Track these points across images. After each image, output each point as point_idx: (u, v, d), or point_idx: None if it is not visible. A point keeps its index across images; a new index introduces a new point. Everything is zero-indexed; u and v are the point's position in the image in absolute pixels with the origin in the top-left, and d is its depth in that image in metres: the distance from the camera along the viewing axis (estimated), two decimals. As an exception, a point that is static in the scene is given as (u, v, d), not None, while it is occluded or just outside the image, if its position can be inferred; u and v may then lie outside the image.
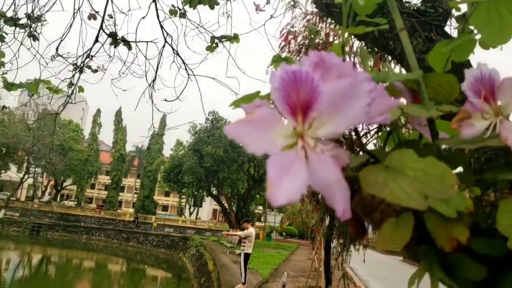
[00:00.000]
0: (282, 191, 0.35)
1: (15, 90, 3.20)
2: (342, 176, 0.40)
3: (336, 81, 0.40)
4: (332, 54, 0.43)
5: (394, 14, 0.81)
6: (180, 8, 4.63)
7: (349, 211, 0.40)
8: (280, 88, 0.39)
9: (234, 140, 0.38)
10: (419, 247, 0.63)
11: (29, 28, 3.85)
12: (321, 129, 0.40)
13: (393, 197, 0.45)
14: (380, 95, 0.43)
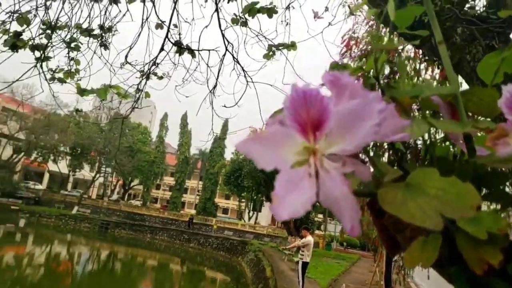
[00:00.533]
0: (287, 206, 0.37)
1: (87, 95, 3.44)
2: (351, 193, 0.40)
3: (347, 101, 0.41)
4: (345, 73, 0.44)
5: (433, 26, 0.79)
6: (242, 16, 4.74)
7: (357, 228, 0.40)
8: (290, 107, 0.40)
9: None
10: (451, 268, 0.61)
11: (101, 38, 4.12)
12: (332, 147, 0.41)
13: (408, 215, 0.44)
14: (390, 115, 0.43)
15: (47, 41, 3.75)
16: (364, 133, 0.39)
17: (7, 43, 3.38)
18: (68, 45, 3.94)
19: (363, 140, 0.39)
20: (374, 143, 4.36)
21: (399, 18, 0.86)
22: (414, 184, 0.48)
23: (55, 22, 3.83)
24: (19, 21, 3.50)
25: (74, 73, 3.98)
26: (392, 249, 0.75)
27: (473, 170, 0.65)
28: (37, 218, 37.27)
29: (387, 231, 0.74)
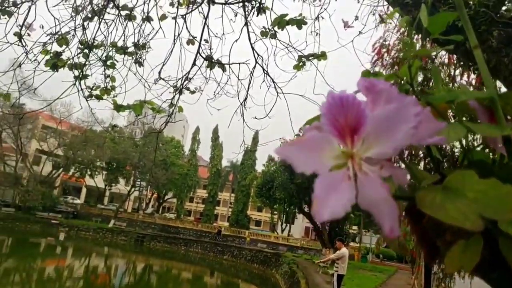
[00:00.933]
0: (327, 208, 0.38)
1: (123, 111, 3.56)
2: (389, 195, 0.41)
3: (384, 105, 0.42)
4: (381, 80, 0.45)
5: (468, 31, 0.79)
6: (271, 29, 4.78)
7: (397, 229, 0.41)
8: (327, 113, 0.41)
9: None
10: (494, 273, 0.60)
11: (136, 55, 4.26)
12: (370, 150, 0.42)
13: (448, 218, 0.45)
14: (426, 118, 0.43)
15: (84, 60, 3.91)
16: (401, 135, 0.40)
17: (49, 63, 3.55)
18: (104, 63, 4.09)
19: (401, 143, 0.40)
20: (409, 152, 4.31)
21: (432, 24, 0.86)
22: (452, 187, 0.48)
23: (92, 42, 3.99)
24: (59, 42, 3.68)
25: (110, 90, 4.12)
26: (431, 256, 0.74)
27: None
28: (75, 231, 38.35)
29: (426, 237, 0.73)
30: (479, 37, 1.91)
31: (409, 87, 0.74)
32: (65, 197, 46.09)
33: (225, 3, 4.98)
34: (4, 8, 3.73)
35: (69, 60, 3.83)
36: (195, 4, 4.89)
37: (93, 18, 4.03)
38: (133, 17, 4.28)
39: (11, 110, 22.14)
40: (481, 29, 1.90)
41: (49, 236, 34.09)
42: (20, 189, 37.99)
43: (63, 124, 37.85)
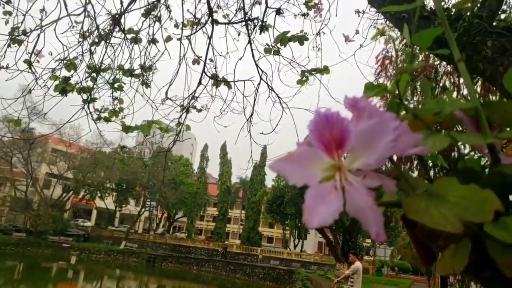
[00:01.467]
0: (317, 217, 0.42)
1: (131, 132, 3.63)
2: (374, 203, 0.45)
3: (366, 121, 0.47)
4: (363, 98, 0.49)
5: (451, 45, 0.83)
6: (274, 46, 4.86)
7: (382, 234, 0.45)
8: (314, 129, 0.46)
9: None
10: (485, 273, 0.64)
11: (142, 76, 4.36)
12: (355, 163, 0.46)
13: (432, 222, 0.48)
14: (404, 131, 0.47)
15: (92, 84, 4.01)
16: (382, 148, 0.44)
17: (57, 88, 3.64)
18: (112, 86, 4.19)
19: (382, 154, 0.44)
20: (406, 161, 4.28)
21: (419, 40, 0.90)
22: (436, 193, 0.52)
23: (99, 65, 4.10)
24: (68, 67, 3.78)
25: (118, 112, 4.21)
26: (427, 261, 0.77)
27: (500, 180, 0.68)
28: (87, 254, 38.31)
29: (422, 243, 0.77)
30: (474, 48, 1.95)
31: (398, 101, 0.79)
32: (76, 220, 46.19)
33: (228, 23, 5.09)
34: (14, 37, 3.85)
35: (78, 84, 3.93)
36: (199, 25, 5.00)
37: (100, 43, 4.14)
38: (139, 40, 4.39)
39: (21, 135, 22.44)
40: (475, 40, 1.94)
41: (61, 260, 34.09)
42: (31, 214, 38.16)
43: (72, 147, 38.20)
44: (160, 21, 4.38)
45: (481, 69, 1.90)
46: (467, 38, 1.99)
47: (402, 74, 0.79)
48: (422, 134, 0.65)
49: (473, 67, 1.94)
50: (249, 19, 4.79)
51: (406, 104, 0.82)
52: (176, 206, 50.18)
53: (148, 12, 4.17)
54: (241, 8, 4.78)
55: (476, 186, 0.51)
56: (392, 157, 0.68)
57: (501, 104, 0.76)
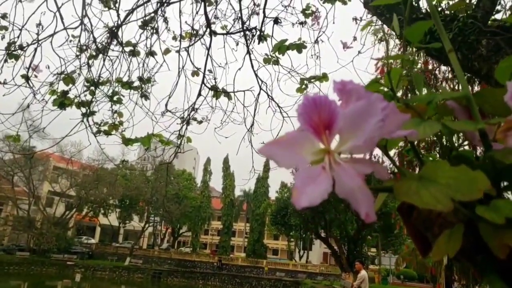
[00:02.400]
0: (305, 196, 0.42)
1: (131, 144, 3.64)
2: (364, 184, 0.45)
3: (354, 103, 0.47)
4: (351, 80, 0.50)
5: (442, 37, 0.84)
6: (273, 55, 4.89)
7: (372, 215, 0.45)
8: (303, 113, 0.46)
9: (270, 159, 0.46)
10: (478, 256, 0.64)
11: (141, 89, 4.38)
12: (344, 145, 0.46)
13: (422, 202, 0.49)
14: (392, 112, 0.48)
15: (91, 97, 4.03)
16: (371, 129, 0.44)
17: (56, 103, 3.66)
18: (111, 99, 4.21)
19: (370, 135, 0.44)
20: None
21: (410, 33, 0.91)
22: (426, 176, 0.52)
23: (98, 79, 4.13)
24: (65, 81, 3.80)
25: (118, 125, 4.22)
26: (424, 251, 0.77)
27: (491, 165, 0.68)
28: (92, 272, 38.08)
29: (418, 232, 0.77)
30: (469, 47, 1.97)
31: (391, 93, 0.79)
32: (80, 237, 46.03)
33: (226, 34, 5.13)
34: (11, 52, 3.88)
35: (76, 98, 3.95)
36: (197, 36, 5.04)
37: (98, 56, 4.18)
38: (137, 53, 4.42)
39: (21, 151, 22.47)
40: (470, 39, 1.96)
41: (65, 278, 33.87)
42: (34, 233, 38.02)
43: (74, 164, 38.18)
44: (157, 33, 4.42)
45: (476, 68, 1.91)
46: (462, 38, 2.01)
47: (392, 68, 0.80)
48: (413, 121, 0.66)
49: (469, 66, 1.95)
50: (247, 29, 4.83)
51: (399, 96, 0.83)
52: (180, 221, 49.97)
53: (145, 24, 4.21)
54: (239, 18, 4.82)
55: (465, 167, 0.51)
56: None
57: (492, 93, 0.77)
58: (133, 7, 4.16)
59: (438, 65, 7.05)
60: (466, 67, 1.99)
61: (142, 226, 46.36)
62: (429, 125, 0.63)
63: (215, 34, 4.92)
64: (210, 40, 4.88)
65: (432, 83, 7.44)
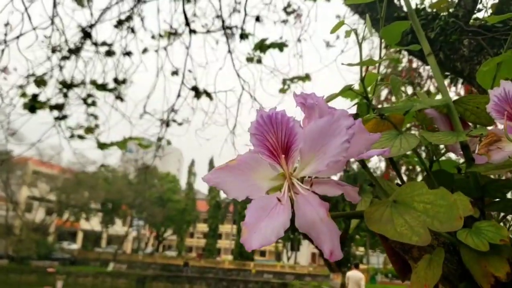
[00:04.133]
0: (257, 235, 0.35)
1: (106, 149, 3.53)
2: (328, 215, 0.38)
3: (315, 120, 0.40)
4: (312, 93, 0.43)
5: (421, 39, 0.78)
6: (255, 54, 4.83)
7: (338, 252, 0.38)
8: (256, 133, 0.39)
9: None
10: (461, 283, 0.58)
11: (116, 90, 4.25)
12: (305, 169, 0.39)
13: (395, 233, 0.42)
14: (359, 130, 0.41)
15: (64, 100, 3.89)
16: (335, 151, 0.37)
17: (26, 106, 3.52)
18: (85, 102, 4.07)
19: (335, 158, 0.38)
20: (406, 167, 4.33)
21: (387, 34, 0.85)
22: (402, 199, 0.46)
23: (71, 81, 3.99)
24: (38, 83, 3.66)
25: (94, 129, 4.09)
26: (402, 273, 0.71)
27: (474, 180, 0.63)
28: (74, 278, 37.42)
29: (396, 254, 0.71)
30: (451, 47, 1.94)
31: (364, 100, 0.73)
32: (61, 243, 45.20)
33: (206, 32, 5.04)
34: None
35: (48, 101, 3.81)
36: (176, 35, 4.94)
37: (70, 57, 4.04)
38: (112, 53, 4.29)
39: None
40: (452, 39, 1.93)
41: (46, 286, 33.21)
42: (12, 239, 37.16)
43: (54, 168, 37.49)
44: (134, 32, 4.31)
45: (459, 68, 1.88)
46: (444, 38, 1.98)
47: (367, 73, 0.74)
48: (388, 135, 0.59)
49: (451, 66, 1.92)
50: (227, 27, 4.75)
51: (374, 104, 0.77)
52: (164, 224, 49.47)
53: (120, 23, 4.09)
54: (219, 16, 4.74)
55: (444, 190, 0.45)
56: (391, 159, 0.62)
57: (473, 99, 0.71)
58: (107, 6, 4.04)
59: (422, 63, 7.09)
60: (449, 67, 1.96)
61: (126, 230, 45.77)
62: (406, 139, 0.57)
63: (194, 32, 4.84)
64: (190, 39, 4.79)
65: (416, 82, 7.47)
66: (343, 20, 0.75)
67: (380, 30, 0.81)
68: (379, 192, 0.64)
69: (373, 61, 0.65)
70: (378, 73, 0.79)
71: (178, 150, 73.74)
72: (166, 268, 40.92)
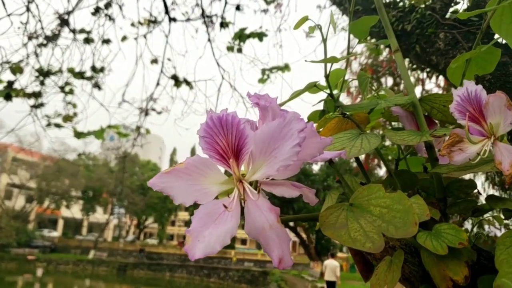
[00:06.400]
0: (201, 244, 0.33)
1: (83, 137, 3.47)
2: (278, 221, 0.37)
3: (267, 123, 0.39)
4: (266, 94, 0.41)
5: (389, 35, 0.77)
6: (236, 44, 4.79)
7: (287, 260, 0.37)
8: (206, 135, 0.38)
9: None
10: (421, 285, 0.58)
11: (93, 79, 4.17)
12: (256, 173, 0.38)
13: (349, 240, 0.41)
14: (311, 134, 0.40)
15: (40, 88, 3.80)
16: (285, 155, 0.36)
17: (1, 94, 3.42)
18: (62, 90, 3.99)
19: (285, 162, 0.36)
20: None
21: (355, 29, 0.84)
22: (358, 203, 0.45)
23: (47, 69, 3.89)
24: (14, 70, 3.55)
25: (72, 117, 4.01)
26: (366, 273, 0.71)
27: (437, 180, 0.62)
28: (54, 266, 37.11)
29: (359, 254, 0.70)
30: (427, 41, 1.94)
31: (329, 98, 0.72)
32: (41, 230, 44.69)
33: (186, 20, 4.97)
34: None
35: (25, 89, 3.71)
36: (155, 23, 4.86)
37: (47, 44, 3.93)
38: (90, 40, 4.20)
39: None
40: (428, 32, 1.93)
41: (26, 273, 32.85)
42: (-9, 227, 36.61)
43: (34, 155, 36.86)
44: (113, 19, 4.21)
45: (434, 62, 1.88)
46: (420, 30, 1.98)
47: (331, 70, 0.72)
48: (349, 134, 0.58)
49: (427, 59, 1.92)
50: (207, 16, 4.69)
51: (340, 101, 0.75)
52: (145, 212, 49.23)
53: (98, 10, 4.00)
54: (199, 5, 4.67)
55: (401, 194, 0.44)
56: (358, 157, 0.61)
57: (439, 97, 0.70)
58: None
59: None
60: (425, 60, 1.96)
61: (106, 218, 45.43)
62: (368, 139, 0.56)
63: (174, 20, 4.76)
64: (169, 27, 4.71)
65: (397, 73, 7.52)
66: (307, 16, 0.73)
67: (348, 25, 0.79)
68: (346, 189, 0.63)
69: (336, 58, 0.63)
70: (346, 69, 0.77)
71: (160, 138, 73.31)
72: (147, 256, 40.84)
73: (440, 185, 0.62)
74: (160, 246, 45.20)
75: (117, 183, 41.91)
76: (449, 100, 0.68)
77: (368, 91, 0.78)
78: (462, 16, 0.81)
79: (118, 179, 41.86)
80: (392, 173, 0.60)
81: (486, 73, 0.83)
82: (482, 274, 0.51)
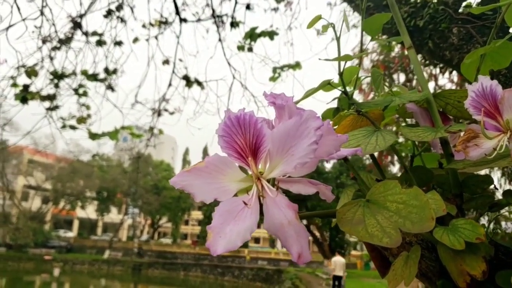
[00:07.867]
0: (222, 240, 0.34)
1: (98, 139, 3.52)
2: (296, 218, 0.38)
3: (283, 121, 0.40)
4: (282, 93, 0.42)
5: (402, 32, 0.77)
6: (247, 43, 4.80)
7: (306, 255, 0.38)
8: (224, 134, 0.38)
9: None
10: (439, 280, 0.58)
11: (106, 81, 4.22)
12: (274, 170, 0.39)
13: (366, 235, 0.42)
14: (328, 131, 0.41)
15: (55, 90, 3.86)
16: (302, 152, 0.37)
17: (17, 97, 3.48)
18: (76, 92, 4.04)
19: (302, 160, 0.37)
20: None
21: (368, 26, 0.84)
22: (375, 199, 0.45)
23: (61, 71, 3.95)
24: (29, 73, 3.61)
25: (86, 118, 4.06)
26: (382, 269, 0.71)
27: (453, 176, 0.62)
28: (70, 265, 37.61)
29: (376, 250, 0.70)
30: (440, 36, 1.92)
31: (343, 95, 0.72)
32: (57, 231, 45.34)
33: (196, 21, 4.99)
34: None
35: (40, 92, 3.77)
36: (166, 24, 4.90)
37: (61, 47, 3.99)
38: (103, 42, 4.25)
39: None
40: (441, 27, 1.91)
41: (43, 273, 33.35)
42: (9, 228, 37.21)
43: (49, 157, 37.38)
44: (124, 21, 4.26)
45: (448, 57, 1.87)
46: (433, 26, 1.96)
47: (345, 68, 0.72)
48: (364, 131, 0.59)
49: (440, 55, 1.90)
50: (218, 15, 4.71)
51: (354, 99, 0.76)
52: (159, 212, 49.59)
53: (110, 12, 4.04)
54: (209, 5, 4.69)
55: (418, 190, 0.44)
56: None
57: (453, 93, 0.70)
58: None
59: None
60: (438, 56, 1.94)
61: (121, 218, 45.88)
62: (383, 136, 0.56)
63: (185, 21, 4.79)
64: (180, 27, 4.74)
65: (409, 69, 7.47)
66: (320, 15, 0.74)
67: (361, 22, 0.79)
68: (361, 186, 0.64)
69: (350, 56, 0.63)
70: (360, 66, 0.78)
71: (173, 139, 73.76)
72: (162, 256, 41.13)
73: (456, 181, 0.62)
74: (174, 245, 45.50)
75: (131, 183, 42.31)
76: (464, 96, 0.67)
77: (382, 88, 0.78)
78: (475, 11, 0.80)
79: (132, 179, 42.29)
80: (408, 169, 0.61)
81: (501, 68, 0.82)
82: (500, 269, 0.51)
